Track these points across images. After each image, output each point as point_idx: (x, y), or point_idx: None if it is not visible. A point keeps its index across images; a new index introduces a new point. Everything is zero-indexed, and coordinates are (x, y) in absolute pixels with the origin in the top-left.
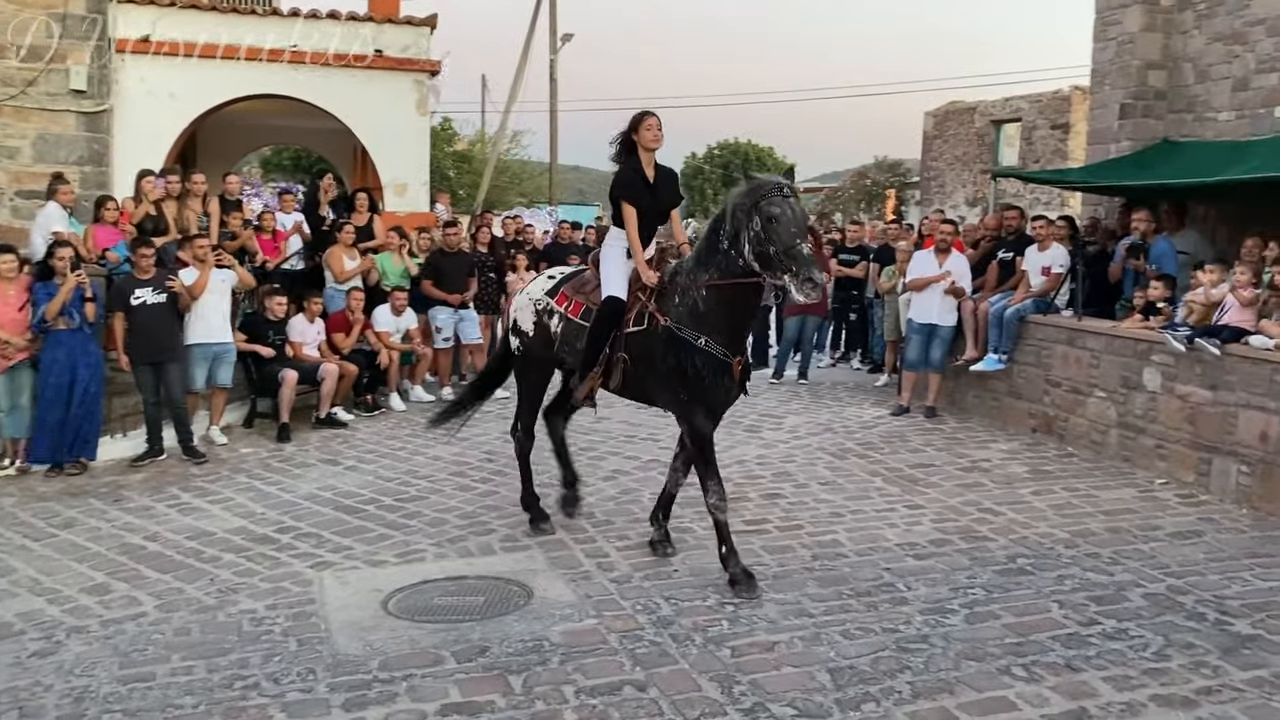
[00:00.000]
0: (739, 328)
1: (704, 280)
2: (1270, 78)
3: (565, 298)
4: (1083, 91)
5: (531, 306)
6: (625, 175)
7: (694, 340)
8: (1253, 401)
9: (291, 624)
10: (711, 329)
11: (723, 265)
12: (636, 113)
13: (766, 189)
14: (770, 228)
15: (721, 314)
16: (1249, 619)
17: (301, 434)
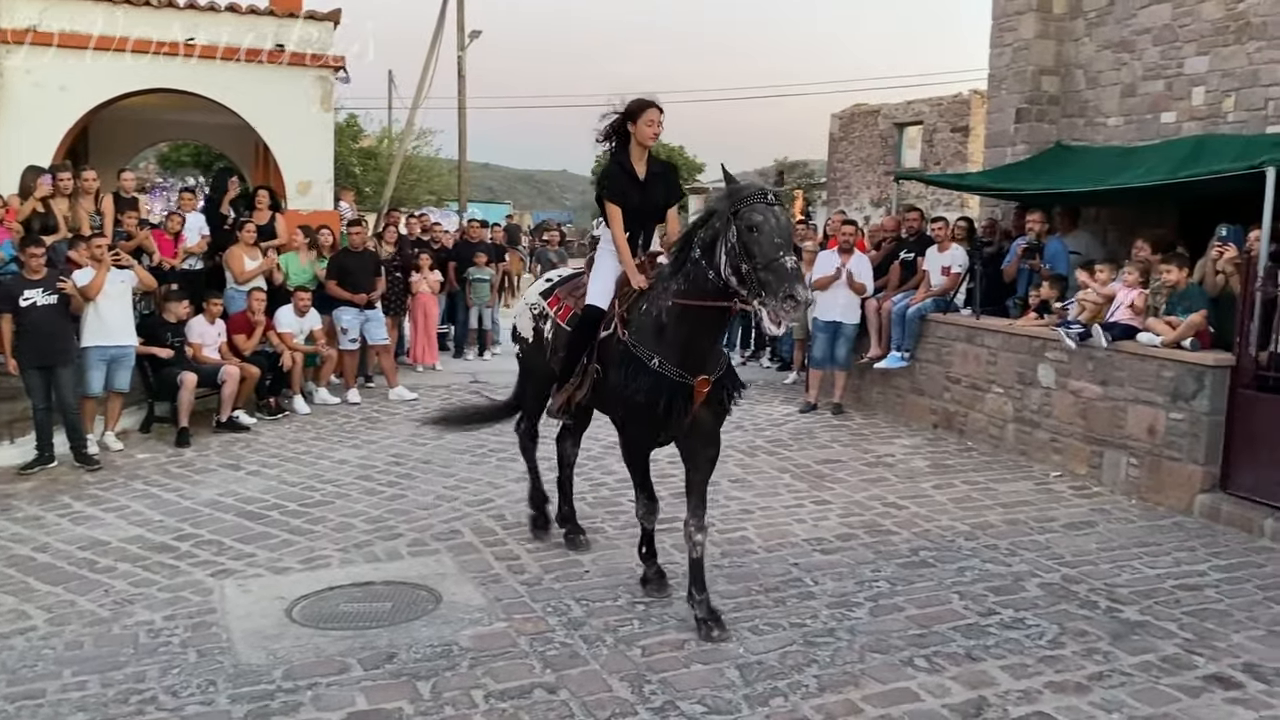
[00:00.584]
0: (702, 349)
1: (671, 291)
2: (1156, 84)
3: (557, 301)
4: (981, 95)
5: (529, 311)
6: (611, 171)
7: (647, 360)
8: (1141, 396)
9: (191, 635)
10: (669, 348)
11: (691, 276)
12: (636, 99)
13: (747, 194)
14: (750, 238)
15: (683, 332)
16: (1137, 606)
17: (201, 438)
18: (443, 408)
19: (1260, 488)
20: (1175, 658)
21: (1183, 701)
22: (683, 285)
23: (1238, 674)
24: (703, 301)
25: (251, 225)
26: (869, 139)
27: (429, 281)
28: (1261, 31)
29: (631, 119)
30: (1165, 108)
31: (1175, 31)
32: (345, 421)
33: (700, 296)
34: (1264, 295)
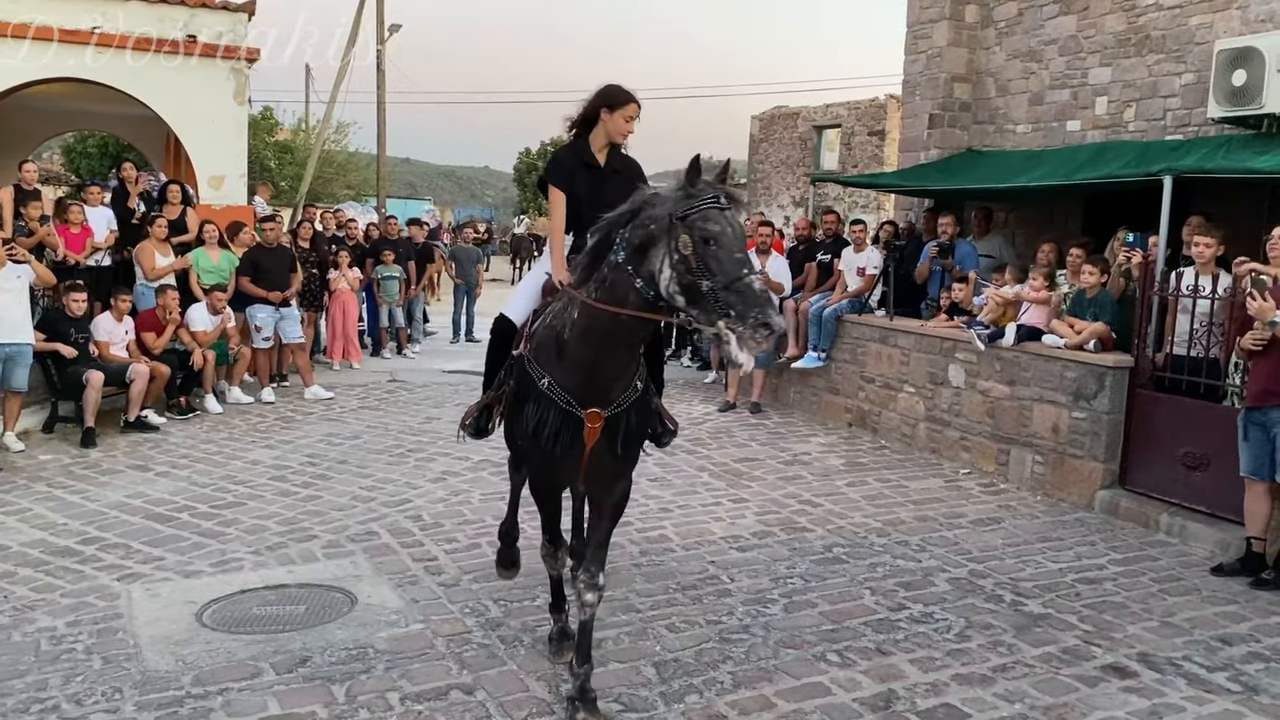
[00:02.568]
0: (608, 372)
1: (579, 297)
2: (1063, 94)
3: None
4: (897, 100)
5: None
6: (561, 155)
7: (537, 379)
8: (1045, 396)
9: (95, 641)
10: (566, 367)
11: (609, 283)
12: (613, 86)
13: (699, 196)
14: (706, 252)
15: (587, 349)
16: (1040, 599)
17: (109, 439)
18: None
19: (1156, 484)
20: (1075, 649)
21: (1081, 691)
22: (596, 293)
23: (1133, 664)
24: (621, 311)
25: (162, 220)
26: (789, 141)
27: (348, 278)
28: (1160, 45)
29: (609, 106)
30: (1071, 116)
31: (1080, 43)
32: (259, 421)
33: (618, 306)
34: (1160, 299)
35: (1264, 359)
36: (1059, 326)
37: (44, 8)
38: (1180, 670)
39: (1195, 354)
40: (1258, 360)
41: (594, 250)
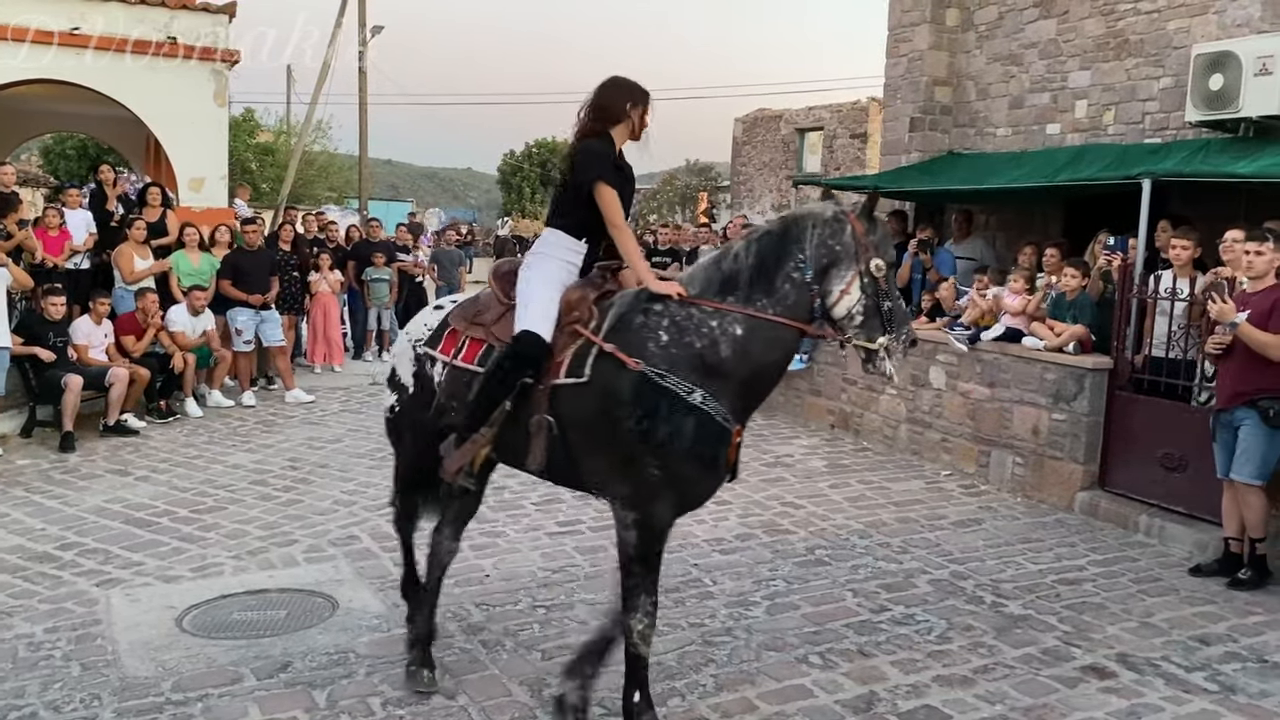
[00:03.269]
0: (763, 387)
1: (744, 310)
2: (1042, 97)
3: (455, 336)
4: (879, 103)
5: (410, 349)
6: (599, 150)
7: (686, 394)
8: (1025, 398)
9: (74, 647)
10: (721, 381)
11: (791, 300)
12: (635, 82)
13: (882, 229)
14: (890, 276)
15: (750, 362)
16: (1021, 600)
17: (88, 443)
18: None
19: (1135, 485)
20: (1055, 650)
21: (1061, 692)
22: (776, 308)
23: (1112, 664)
24: (803, 326)
25: (141, 223)
26: (771, 143)
27: (329, 281)
28: (1139, 49)
29: (635, 104)
30: (1051, 119)
31: (1060, 46)
32: (239, 425)
33: (797, 321)
34: (1138, 301)
35: (1229, 361)
36: (1039, 329)
37: (22, 9)
38: (1159, 670)
39: (1173, 356)
40: (1223, 363)
41: (764, 262)
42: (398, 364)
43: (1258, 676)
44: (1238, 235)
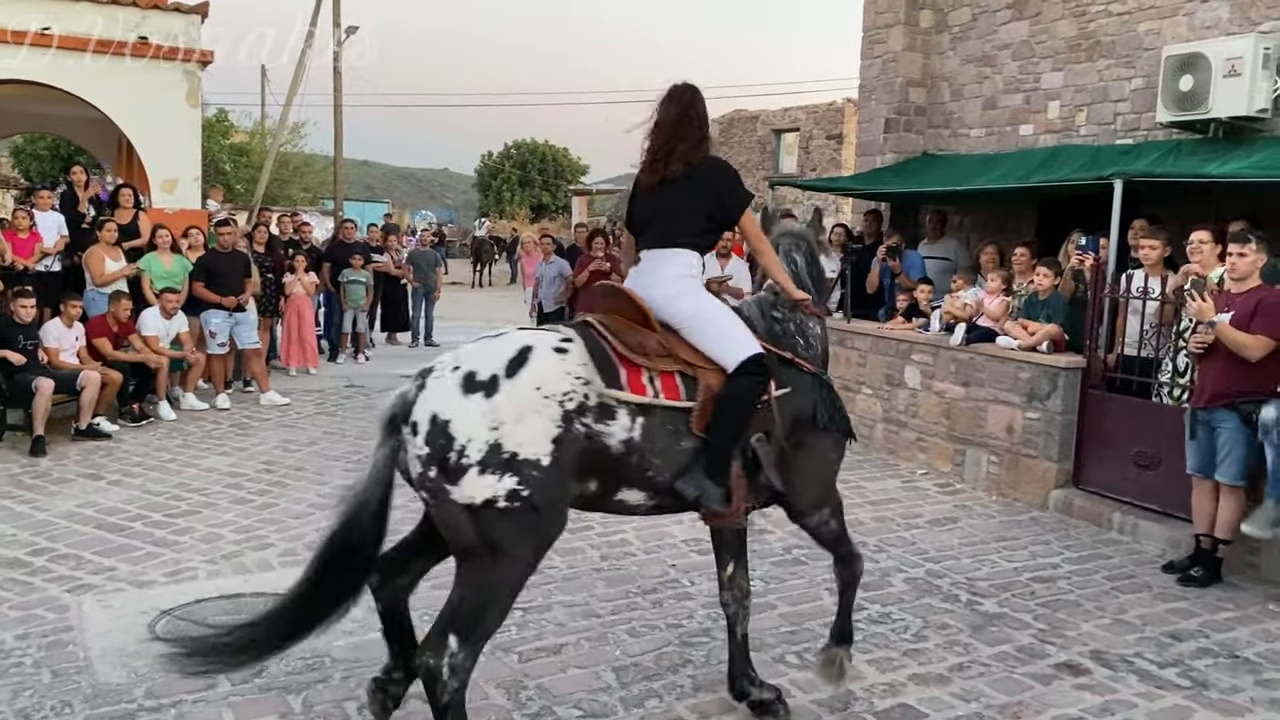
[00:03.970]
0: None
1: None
2: (1015, 98)
3: (638, 372)
4: (854, 104)
5: (556, 409)
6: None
7: (837, 388)
8: (1000, 397)
9: (45, 654)
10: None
11: (824, 297)
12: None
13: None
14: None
15: (826, 355)
16: (996, 598)
17: (59, 447)
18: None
19: (1108, 483)
20: (1030, 647)
21: (1035, 689)
22: (820, 302)
23: (1086, 661)
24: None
25: (112, 224)
26: (748, 144)
27: (304, 283)
28: (1110, 50)
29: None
30: (1024, 120)
31: (1032, 48)
32: (214, 428)
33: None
34: (1111, 301)
35: (1211, 361)
36: (1012, 328)
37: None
38: (1132, 667)
39: (1145, 355)
40: (1205, 362)
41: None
42: (505, 434)
43: (1229, 672)
44: (1204, 236)
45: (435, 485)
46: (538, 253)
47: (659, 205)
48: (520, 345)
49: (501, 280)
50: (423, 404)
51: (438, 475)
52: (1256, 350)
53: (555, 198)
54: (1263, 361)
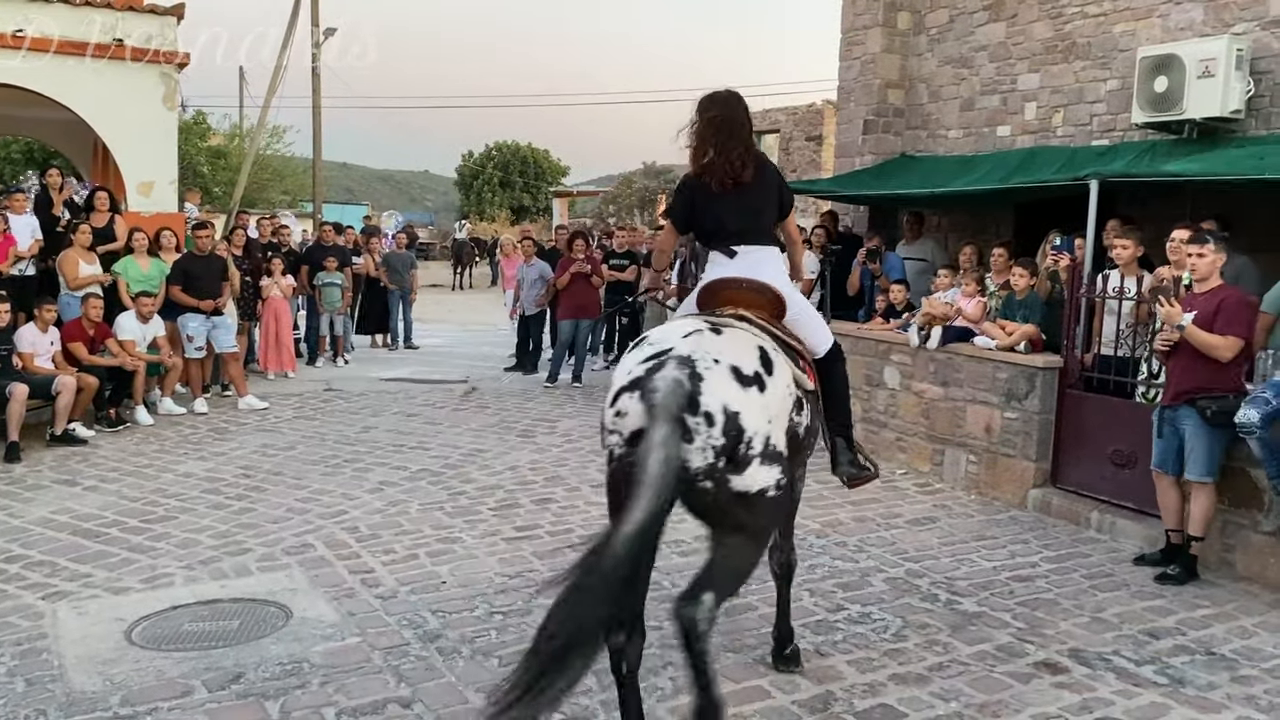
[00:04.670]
0: None
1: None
2: (993, 99)
3: (806, 362)
4: (834, 106)
5: (791, 401)
6: None
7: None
8: (978, 397)
9: (19, 662)
10: None
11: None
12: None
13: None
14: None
15: None
16: (975, 597)
17: (34, 453)
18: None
19: (1086, 482)
20: (1009, 646)
21: (1015, 688)
22: None
23: (1064, 659)
24: None
25: (86, 227)
26: None
27: (281, 286)
28: (1086, 51)
29: None
30: (1001, 121)
31: (1009, 49)
32: (191, 433)
33: None
34: (1087, 301)
35: (1177, 359)
36: (990, 328)
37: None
38: (1110, 665)
39: (1122, 354)
40: (1171, 361)
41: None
42: (774, 429)
43: (1205, 669)
44: (1183, 235)
45: (721, 475)
46: (518, 255)
47: (744, 205)
48: (757, 342)
49: (482, 282)
50: (711, 395)
51: (725, 466)
52: (1228, 351)
53: (536, 200)
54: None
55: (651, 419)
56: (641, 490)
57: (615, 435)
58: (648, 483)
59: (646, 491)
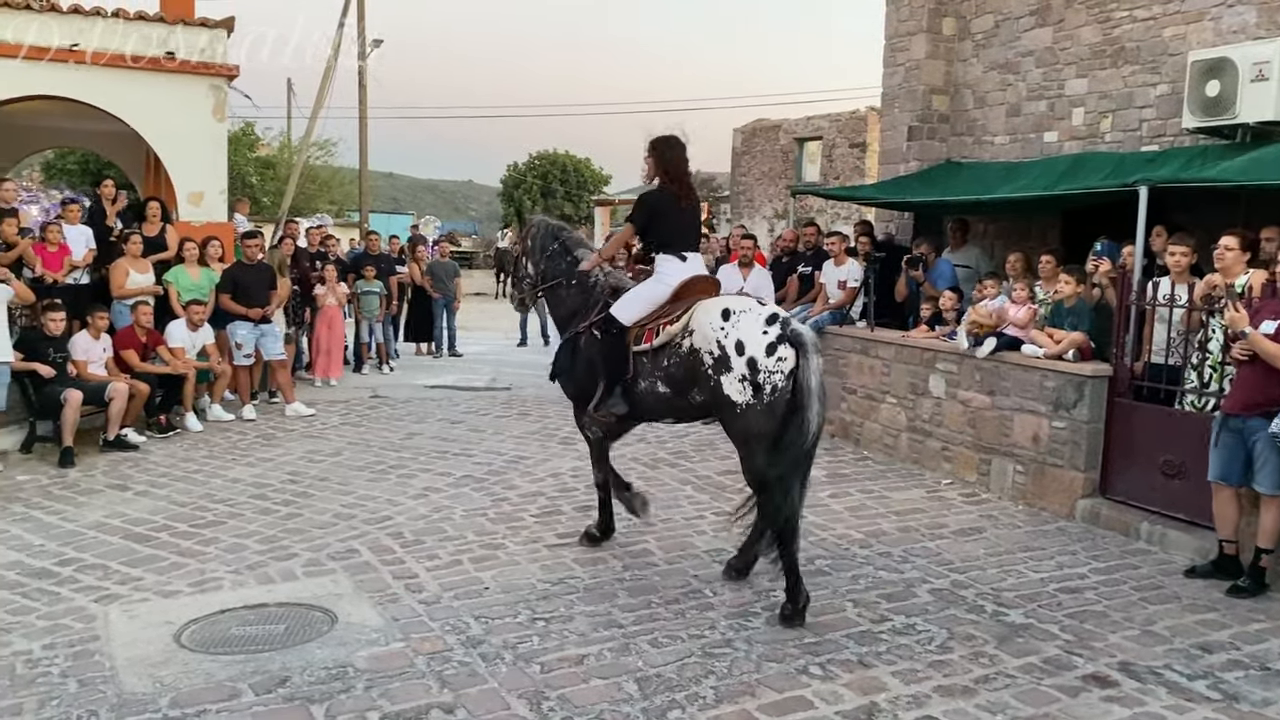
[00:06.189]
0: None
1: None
2: (1039, 105)
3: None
4: (877, 112)
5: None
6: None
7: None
8: (1025, 405)
9: (72, 664)
10: None
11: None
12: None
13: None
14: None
15: None
16: (1022, 609)
17: (87, 458)
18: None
19: (1136, 492)
20: (1056, 659)
21: (1063, 701)
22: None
23: (1114, 673)
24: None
25: (137, 237)
26: (771, 153)
27: (336, 294)
28: (1135, 56)
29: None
30: (1048, 127)
31: (1056, 54)
32: (240, 439)
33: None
34: (1137, 308)
35: (1249, 368)
36: (1038, 336)
37: (23, 25)
38: (1161, 679)
39: (1173, 363)
40: (1243, 369)
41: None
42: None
43: (1260, 684)
44: (1230, 242)
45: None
46: None
47: (691, 221)
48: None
49: None
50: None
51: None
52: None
53: (578, 208)
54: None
55: (808, 355)
56: (812, 398)
57: (778, 375)
58: (817, 392)
59: (815, 398)
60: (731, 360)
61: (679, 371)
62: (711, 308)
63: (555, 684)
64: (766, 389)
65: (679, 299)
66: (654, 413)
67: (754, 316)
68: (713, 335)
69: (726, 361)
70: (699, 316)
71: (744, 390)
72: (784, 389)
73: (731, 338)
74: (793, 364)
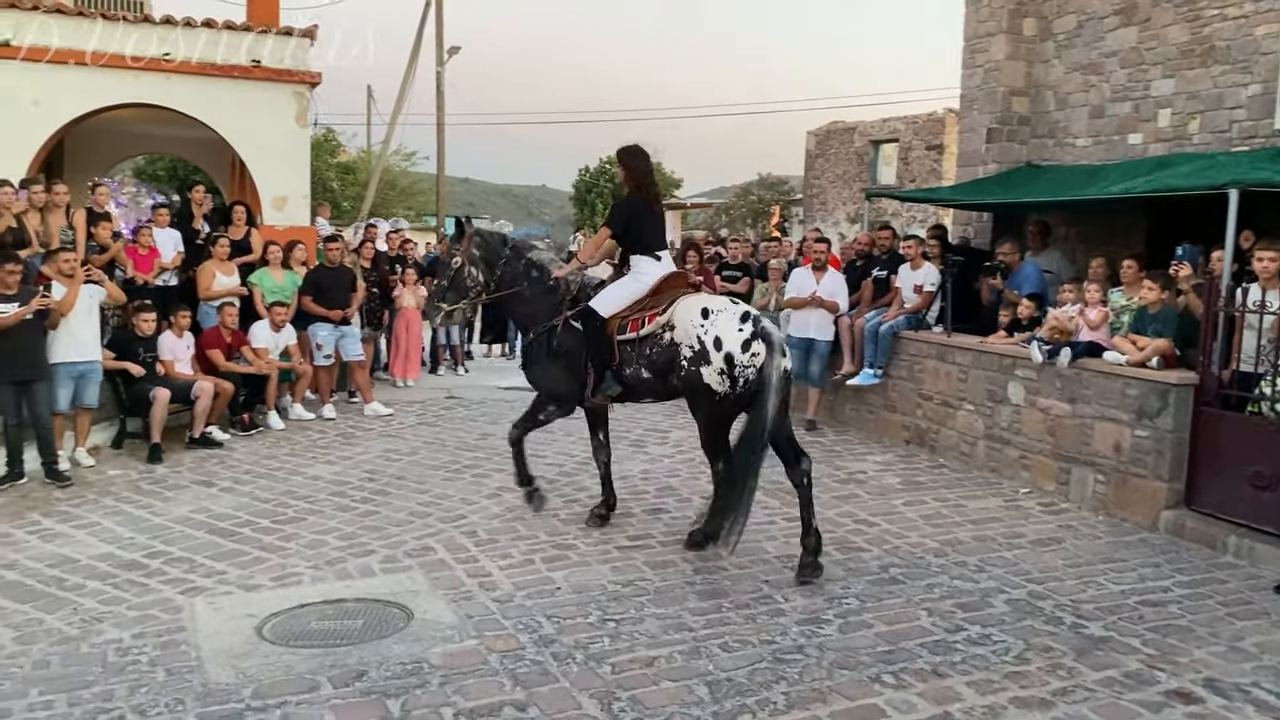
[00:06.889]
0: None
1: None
2: (1124, 106)
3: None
4: (955, 114)
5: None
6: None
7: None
8: (1106, 414)
9: (160, 653)
10: None
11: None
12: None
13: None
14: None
15: None
16: (1102, 621)
17: (174, 455)
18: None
19: (1223, 504)
20: (1138, 673)
21: (1144, 717)
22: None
23: (1198, 689)
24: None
25: (224, 240)
26: (845, 156)
27: (416, 296)
28: (1225, 55)
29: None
30: (1132, 129)
31: (1142, 54)
32: (320, 437)
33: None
34: (1225, 315)
35: None
36: (1121, 343)
37: (114, 34)
38: (1248, 697)
39: (1262, 371)
40: None
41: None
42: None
43: None
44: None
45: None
46: None
47: (660, 225)
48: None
49: None
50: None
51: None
52: None
53: None
54: None
55: (774, 352)
56: (770, 392)
57: (750, 369)
58: (776, 386)
59: (774, 392)
60: (710, 355)
61: (660, 359)
62: (692, 305)
63: (626, 685)
64: (740, 381)
65: (659, 293)
66: (637, 394)
67: (730, 315)
68: (693, 331)
69: (705, 356)
70: (680, 313)
71: (722, 382)
72: (754, 381)
73: (710, 334)
74: (763, 359)
